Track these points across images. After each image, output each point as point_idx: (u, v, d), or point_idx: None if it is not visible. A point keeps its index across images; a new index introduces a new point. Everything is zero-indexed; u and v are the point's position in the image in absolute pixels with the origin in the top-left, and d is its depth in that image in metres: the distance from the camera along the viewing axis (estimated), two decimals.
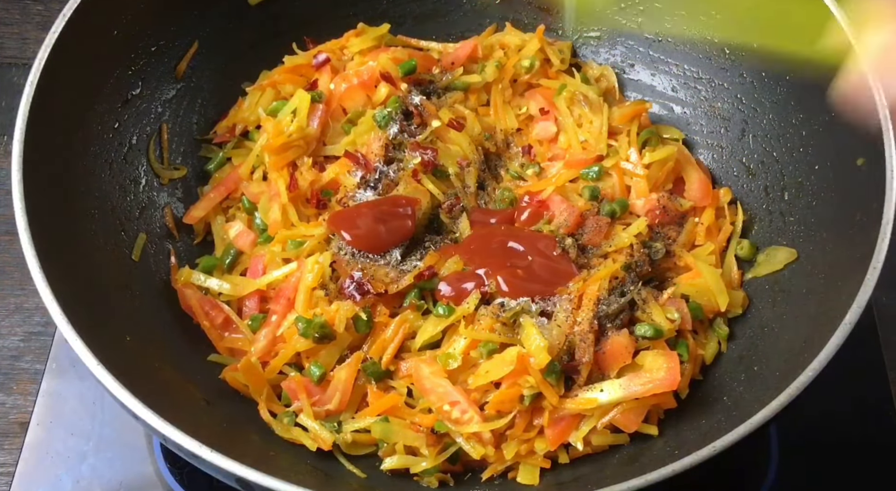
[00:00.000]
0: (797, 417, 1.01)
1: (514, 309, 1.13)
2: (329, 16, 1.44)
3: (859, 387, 1.36)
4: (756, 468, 1.27)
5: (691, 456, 0.89)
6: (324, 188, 1.27)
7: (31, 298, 1.45)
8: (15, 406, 1.36)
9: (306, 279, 1.17)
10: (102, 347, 0.95)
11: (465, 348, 1.11)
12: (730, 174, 1.35)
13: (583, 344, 1.11)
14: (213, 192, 1.33)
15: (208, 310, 1.21)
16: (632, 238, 1.21)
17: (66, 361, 1.37)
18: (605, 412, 1.09)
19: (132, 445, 1.30)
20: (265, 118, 1.30)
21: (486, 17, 1.50)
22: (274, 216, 1.23)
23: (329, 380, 1.13)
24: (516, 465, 1.11)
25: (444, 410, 1.09)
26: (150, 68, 1.30)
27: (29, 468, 1.29)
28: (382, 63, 1.34)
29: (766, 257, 1.24)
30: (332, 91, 1.34)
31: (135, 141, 1.29)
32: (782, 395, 0.92)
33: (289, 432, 1.12)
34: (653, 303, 1.17)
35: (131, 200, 1.26)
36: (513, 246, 1.20)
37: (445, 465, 1.10)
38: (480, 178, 1.31)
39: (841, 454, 1.31)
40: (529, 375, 1.07)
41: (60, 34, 1.11)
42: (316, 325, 1.11)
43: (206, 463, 0.90)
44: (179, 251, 1.29)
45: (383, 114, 1.28)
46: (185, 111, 1.36)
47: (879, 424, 1.34)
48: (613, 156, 1.30)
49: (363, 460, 1.12)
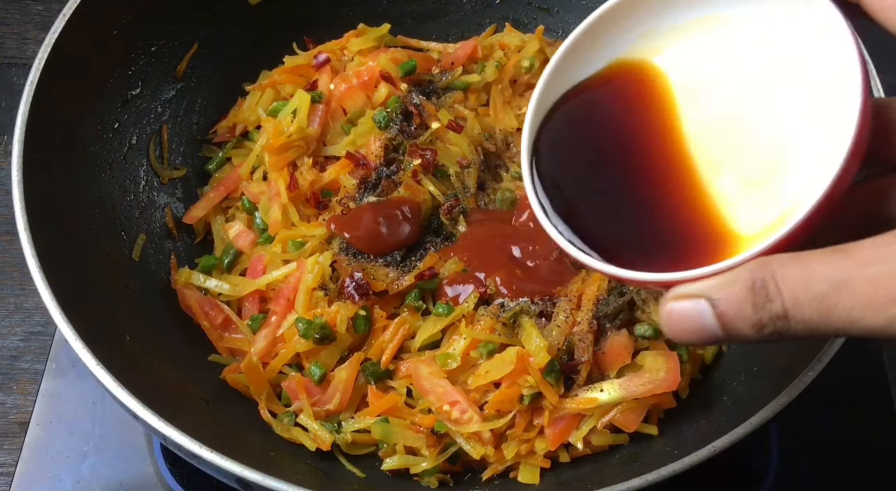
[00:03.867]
0: (797, 417, 1.01)
1: (514, 309, 1.13)
2: (329, 16, 1.44)
3: (859, 387, 1.36)
4: (756, 468, 1.27)
5: (691, 456, 0.89)
6: (324, 188, 1.27)
7: (31, 298, 1.45)
8: (15, 406, 1.36)
9: (306, 280, 1.17)
10: (102, 347, 0.96)
11: (464, 348, 1.11)
12: None
13: (582, 344, 1.11)
14: (212, 192, 1.33)
15: (208, 310, 1.21)
16: None
17: (66, 361, 1.37)
18: (605, 412, 1.09)
19: (132, 445, 1.30)
20: (265, 118, 1.30)
21: (486, 17, 1.50)
22: (274, 216, 1.23)
23: (329, 380, 1.13)
24: (516, 465, 1.11)
25: (444, 410, 1.09)
26: (150, 68, 1.30)
27: (29, 468, 1.29)
28: (382, 63, 1.34)
29: None
30: (332, 91, 1.33)
31: (135, 141, 1.29)
32: (782, 395, 0.93)
33: (289, 432, 1.12)
34: (652, 303, 1.17)
35: (131, 200, 1.26)
36: (512, 247, 1.21)
37: (445, 465, 1.10)
38: (480, 179, 1.31)
39: (841, 454, 1.31)
40: (529, 375, 1.07)
41: (60, 34, 1.11)
42: (316, 326, 1.11)
43: (206, 463, 0.90)
44: (179, 251, 1.29)
45: (383, 114, 1.28)
46: (185, 111, 1.36)
47: (879, 424, 1.34)
48: None
49: (363, 460, 1.12)
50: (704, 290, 0.62)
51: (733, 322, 0.61)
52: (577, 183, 0.77)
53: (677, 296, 0.63)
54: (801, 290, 0.58)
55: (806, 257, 0.59)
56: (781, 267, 0.59)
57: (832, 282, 0.57)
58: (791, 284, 0.58)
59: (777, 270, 0.59)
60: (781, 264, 0.59)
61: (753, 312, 0.60)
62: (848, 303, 0.57)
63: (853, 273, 0.57)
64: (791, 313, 0.59)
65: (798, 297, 0.58)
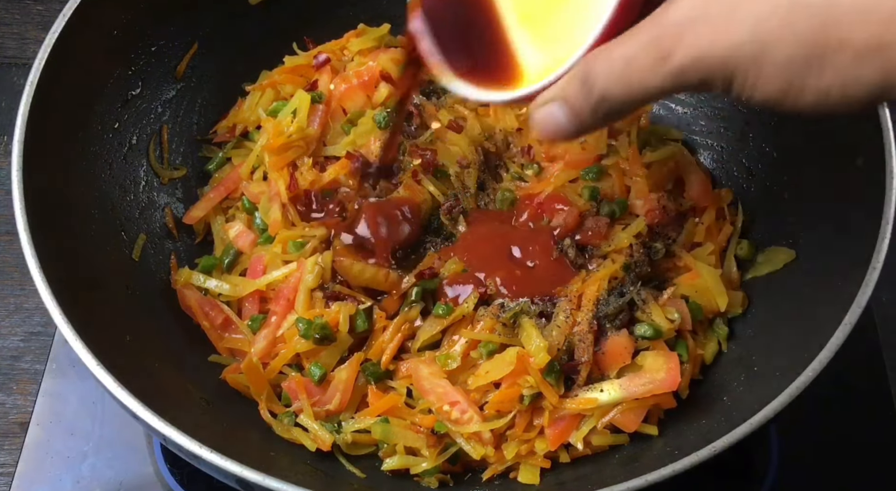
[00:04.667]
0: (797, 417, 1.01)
1: (514, 309, 1.13)
2: (329, 16, 1.44)
3: (859, 387, 1.36)
4: (756, 468, 1.27)
5: (691, 456, 0.89)
6: (324, 188, 1.27)
7: (31, 298, 1.45)
8: (15, 406, 1.36)
9: (306, 280, 1.17)
10: (102, 347, 0.95)
11: (464, 349, 1.11)
12: (730, 174, 1.35)
13: (582, 344, 1.11)
14: (212, 192, 1.33)
15: (208, 310, 1.21)
16: (631, 238, 1.21)
17: (66, 361, 1.37)
18: (605, 412, 1.09)
19: (132, 445, 1.30)
20: (265, 118, 1.30)
21: None
22: (274, 216, 1.23)
23: (329, 380, 1.13)
24: (517, 465, 1.11)
25: (444, 410, 1.09)
26: (150, 68, 1.30)
27: (29, 468, 1.29)
28: (382, 63, 1.34)
29: (766, 257, 1.24)
30: (332, 91, 1.33)
31: (135, 141, 1.29)
32: (782, 395, 0.92)
33: (289, 433, 1.12)
34: (652, 303, 1.17)
35: (131, 200, 1.26)
36: (512, 247, 1.21)
37: (446, 465, 1.10)
38: (480, 179, 1.31)
39: (841, 454, 1.31)
40: (529, 375, 1.07)
41: (60, 34, 1.11)
42: (317, 326, 1.12)
43: (206, 463, 0.90)
44: (179, 251, 1.29)
45: (383, 114, 1.28)
46: (185, 111, 1.36)
47: (879, 424, 1.34)
48: (613, 156, 1.31)
49: (363, 460, 1.12)
50: (555, 94, 0.75)
51: (579, 114, 0.74)
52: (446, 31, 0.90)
53: (538, 104, 0.77)
54: (605, 73, 0.70)
55: (608, 46, 0.71)
56: (595, 59, 0.71)
57: (625, 59, 0.69)
58: (600, 70, 0.71)
59: (591, 62, 0.72)
60: (595, 56, 0.72)
61: (586, 101, 0.72)
62: (637, 73, 0.69)
63: (636, 46, 0.69)
64: (606, 93, 0.71)
65: (607, 79, 0.70)
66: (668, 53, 0.67)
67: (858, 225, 1.04)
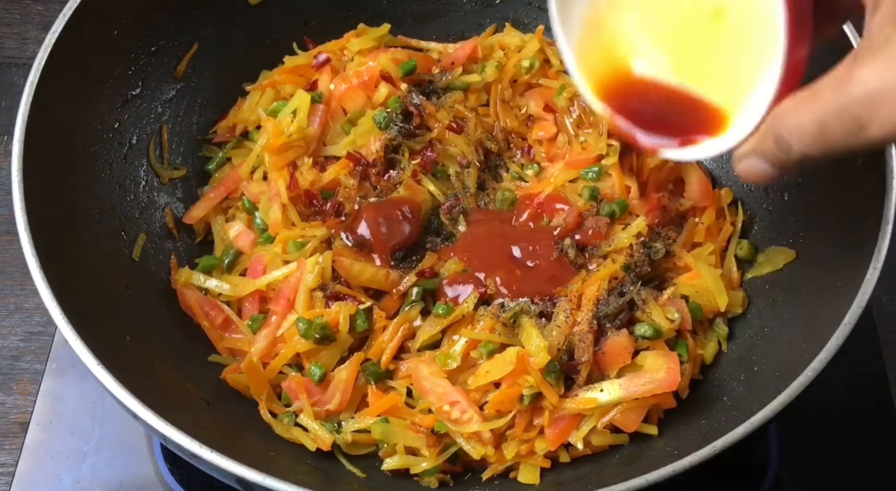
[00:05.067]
0: (797, 417, 1.01)
1: (514, 309, 1.13)
2: (329, 16, 1.44)
3: (859, 387, 1.36)
4: (756, 468, 1.27)
5: (691, 456, 0.89)
6: (324, 188, 1.27)
7: (31, 298, 1.45)
8: (15, 406, 1.36)
9: (306, 280, 1.17)
10: (102, 347, 0.95)
11: (464, 349, 1.11)
12: (730, 174, 1.35)
13: (582, 344, 1.11)
14: (213, 192, 1.33)
15: (208, 310, 1.21)
16: (631, 238, 1.21)
17: (66, 361, 1.37)
18: (605, 412, 1.09)
19: (132, 445, 1.30)
20: (265, 118, 1.30)
21: (486, 17, 1.50)
22: (274, 216, 1.23)
23: (329, 380, 1.13)
24: (517, 465, 1.11)
25: (444, 410, 1.09)
26: (150, 68, 1.30)
27: (29, 468, 1.29)
28: (382, 63, 1.34)
29: (766, 257, 1.24)
30: (332, 91, 1.33)
31: (135, 141, 1.29)
32: (782, 395, 0.92)
33: (289, 432, 1.12)
34: (652, 303, 1.17)
35: (131, 200, 1.26)
36: (512, 247, 1.21)
37: (445, 465, 1.10)
38: (480, 179, 1.31)
39: (841, 454, 1.31)
40: (529, 375, 1.07)
41: (60, 34, 1.11)
42: (317, 326, 1.12)
43: (206, 463, 0.90)
44: (179, 251, 1.29)
45: (383, 114, 1.28)
46: (185, 111, 1.36)
47: (879, 424, 1.34)
48: (613, 155, 1.30)
49: (363, 460, 1.12)
50: (753, 149, 0.82)
51: (783, 167, 0.79)
52: None
53: (738, 157, 0.84)
54: (799, 136, 0.75)
55: (795, 106, 0.75)
56: (784, 120, 0.76)
57: (816, 124, 0.73)
58: (793, 131, 0.75)
59: (781, 123, 0.76)
60: (784, 117, 0.76)
61: (788, 158, 0.77)
62: (833, 137, 0.72)
63: (825, 112, 0.72)
64: (807, 154, 0.75)
65: (802, 142, 0.75)
66: (863, 125, 0.70)
67: (858, 225, 1.04)
